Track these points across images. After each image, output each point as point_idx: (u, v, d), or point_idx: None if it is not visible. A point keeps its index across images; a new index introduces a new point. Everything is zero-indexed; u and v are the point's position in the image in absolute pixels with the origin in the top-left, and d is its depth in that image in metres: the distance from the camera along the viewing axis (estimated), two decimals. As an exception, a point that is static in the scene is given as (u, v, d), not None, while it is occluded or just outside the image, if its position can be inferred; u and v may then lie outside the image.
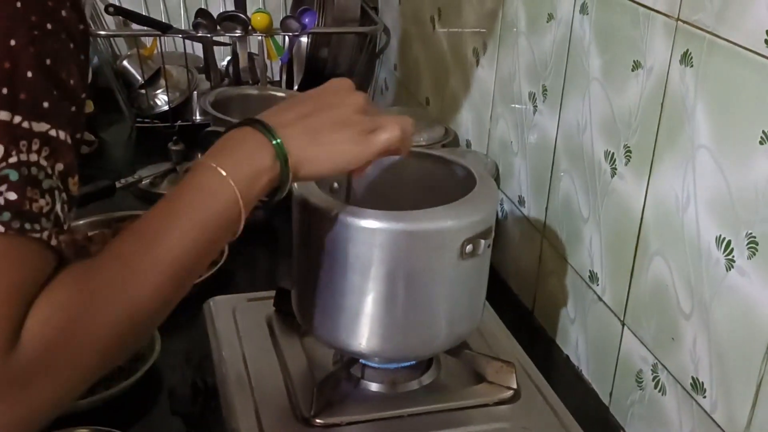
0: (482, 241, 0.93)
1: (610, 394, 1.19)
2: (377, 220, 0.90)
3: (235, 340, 1.08)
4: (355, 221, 0.91)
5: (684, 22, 0.98)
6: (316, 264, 0.96)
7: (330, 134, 0.84)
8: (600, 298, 1.20)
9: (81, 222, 1.51)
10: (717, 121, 0.94)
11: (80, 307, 0.67)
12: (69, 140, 0.67)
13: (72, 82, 0.67)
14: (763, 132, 0.87)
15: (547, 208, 1.35)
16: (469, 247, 0.92)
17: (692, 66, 0.97)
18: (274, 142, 0.80)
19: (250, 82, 1.97)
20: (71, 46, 0.68)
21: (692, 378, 1.01)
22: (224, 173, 0.76)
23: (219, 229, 0.76)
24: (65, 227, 0.67)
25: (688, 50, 0.98)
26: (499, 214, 1.52)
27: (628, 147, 1.11)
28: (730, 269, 0.93)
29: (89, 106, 1.85)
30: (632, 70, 1.09)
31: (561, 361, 1.31)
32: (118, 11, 1.89)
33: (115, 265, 0.71)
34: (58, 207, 0.65)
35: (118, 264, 0.71)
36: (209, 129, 1.27)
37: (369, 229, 0.90)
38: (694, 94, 0.97)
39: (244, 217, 0.78)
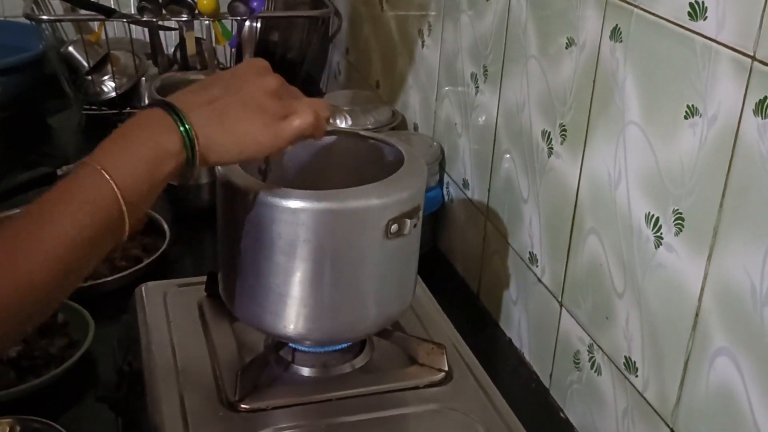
0: (408, 221, 0.91)
1: (551, 376, 1.18)
2: (300, 199, 0.88)
3: (164, 325, 1.06)
4: (279, 201, 0.88)
5: (613, -4, 0.97)
6: (242, 246, 0.93)
7: (238, 119, 0.81)
8: (539, 280, 1.19)
9: (17, 210, 1.47)
10: (645, 96, 0.93)
11: None
12: None
13: None
14: (688, 106, 0.85)
15: (489, 190, 1.33)
16: (394, 227, 0.90)
17: (621, 41, 0.96)
18: (181, 128, 0.77)
19: (199, 67, 1.94)
20: None
21: (625, 357, 0.99)
22: (107, 176, 0.74)
23: (99, 229, 0.74)
24: None
25: (617, 25, 0.97)
26: (445, 197, 1.50)
27: (564, 125, 1.09)
28: (659, 246, 0.92)
29: None
30: (566, 48, 1.08)
31: (504, 345, 1.30)
32: (61, -5, 1.86)
33: (5, 242, 0.70)
34: None
35: (9, 241, 0.71)
36: (135, 108, 1.25)
37: (292, 208, 0.88)
38: (624, 70, 0.96)
39: (129, 219, 0.75)
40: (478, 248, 1.39)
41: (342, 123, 1.60)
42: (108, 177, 0.74)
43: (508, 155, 1.26)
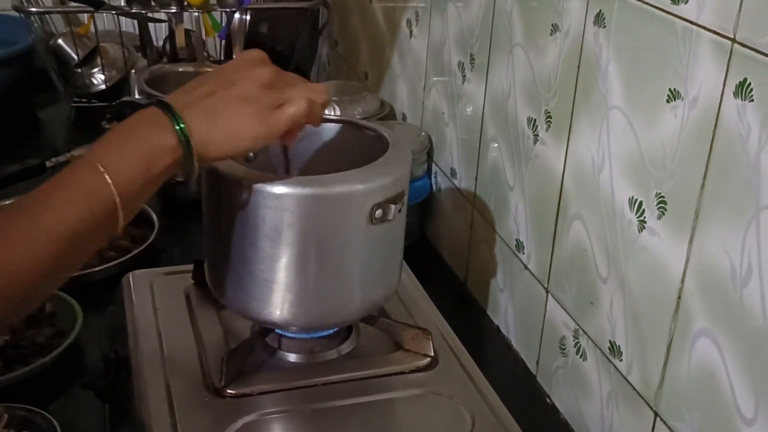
0: (392, 206, 0.91)
1: (537, 362, 1.19)
2: (285, 185, 0.88)
3: (151, 312, 1.06)
4: (263, 187, 0.89)
5: (596, -19, 0.98)
6: (227, 232, 0.94)
7: (232, 114, 0.81)
8: (526, 266, 1.19)
9: (7, 202, 1.48)
10: (628, 81, 0.93)
11: None
12: None
13: None
14: (670, 90, 0.86)
15: (476, 178, 1.34)
16: (378, 212, 0.90)
17: (605, 27, 0.96)
18: (177, 127, 0.77)
19: (188, 59, 1.94)
20: None
21: (609, 342, 1.00)
22: (102, 169, 0.74)
23: (90, 218, 0.74)
24: None
25: (600, 11, 0.97)
26: (433, 186, 1.51)
27: (549, 112, 1.10)
28: (642, 230, 0.92)
29: None
30: (551, 34, 1.08)
31: (492, 332, 1.30)
32: (50, -13, 1.86)
33: None
34: None
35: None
36: (123, 99, 1.25)
37: (276, 194, 0.88)
38: (607, 55, 0.96)
39: (123, 215, 0.76)
40: (465, 237, 1.39)
41: (330, 114, 1.60)
42: (102, 170, 0.74)
43: (495, 144, 1.27)
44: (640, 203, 0.92)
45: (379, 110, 1.64)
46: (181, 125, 0.78)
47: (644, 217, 0.91)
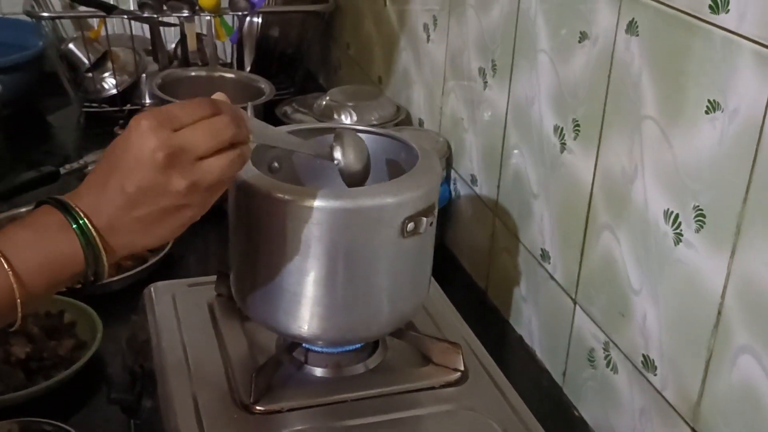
0: (424, 219, 0.90)
1: (564, 374, 1.17)
2: (315, 198, 0.87)
3: (175, 325, 1.04)
4: (292, 200, 0.87)
5: (629, -11, 0.96)
6: (254, 245, 0.92)
7: (160, 227, 0.78)
8: (551, 276, 1.18)
9: (23, 210, 1.46)
10: (662, 91, 0.92)
11: None
12: None
13: None
14: (709, 101, 0.84)
15: (498, 186, 1.32)
16: (410, 225, 0.89)
17: (638, 35, 0.95)
18: (83, 242, 0.75)
19: (200, 63, 1.92)
20: None
21: (643, 355, 0.98)
22: (5, 264, 0.72)
23: None
24: None
25: (633, 19, 0.95)
26: (452, 193, 1.49)
27: (577, 120, 1.08)
28: (678, 243, 0.91)
29: None
30: (579, 42, 1.06)
31: (514, 342, 1.29)
32: (61, -8, 1.84)
33: None
34: None
35: None
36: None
37: (306, 207, 0.87)
38: (640, 65, 0.95)
39: (22, 313, 0.74)
40: (486, 245, 1.37)
41: (347, 119, 1.59)
42: (7, 267, 0.72)
43: (517, 150, 1.25)
44: (676, 216, 0.90)
45: (395, 115, 1.63)
46: (89, 241, 0.75)
47: (681, 230, 0.90)
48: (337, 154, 0.94)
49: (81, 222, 0.75)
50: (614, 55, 0.99)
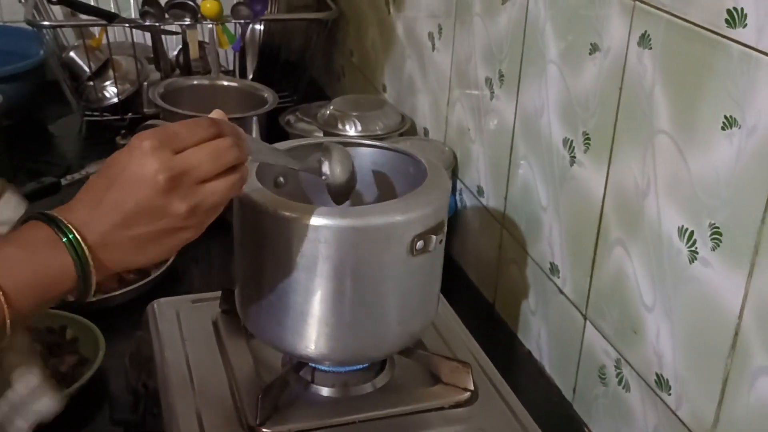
0: (434, 237, 0.88)
1: (574, 390, 1.15)
2: (322, 216, 0.85)
3: (179, 343, 1.03)
4: (299, 218, 0.85)
5: (642, 2, 0.94)
6: (260, 263, 0.91)
7: (156, 245, 0.76)
8: (561, 290, 1.16)
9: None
10: (676, 105, 0.90)
11: None
12: None
13: None
14: (725, 116, 0.82)
15: (506, 198, 1.30)
16: (419, 243, 0.87)
17: (651, 48, 0.93)
18: (73, 257, 0.73)
19: (202, 72, 1.91)
20: None
21: (656, 374, 0.96)
22: None
23: None
24: None
25: (646, 32, 0.94)
26: (458, 204, 1.47)
27: (587, 133, 1.06)
28: (693, 261, 0.89)
29: None
30: (590, 54, 1.05)
31: (523, 356, 1.27)
32: (61, 0, 1.82)
33: None
34: None
35: None
36: (147, 123, 1.21)
37: (314, 225, 0.85)
38: (653, 78, 0.93)
39: (11, 330, 0.72)
40: (493, 257, 1.36)
41: (351, 129, 1.57)
42: None
43: (524, 162, 1.23)
44: (691, 233, 0.88)
45: (400, 125, 1.61)
46: (81, 260, 0.73)
47: (696, 248, 0.88)
48: (325, 168, 0.93)
49: (71, 236, 0.73)
50: (626, 68, 0.98)
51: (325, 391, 0.96)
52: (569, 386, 1.16)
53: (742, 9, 0.79)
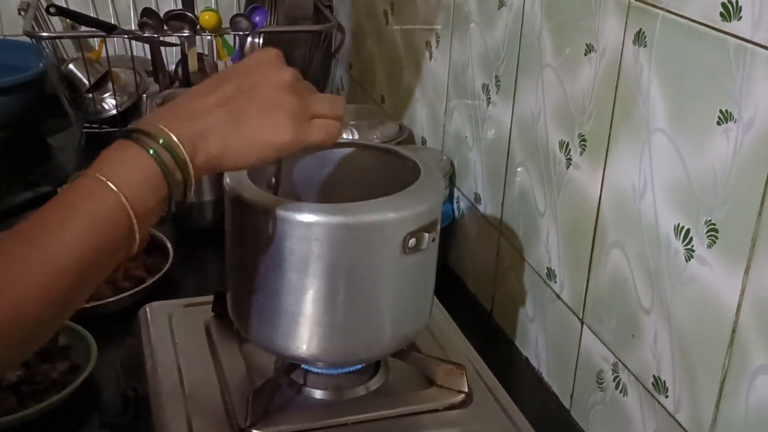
0: (426, 235, 0.87)
1: (571, 396, 1.14)
2: (313, 213, 0.84)
3: (170, 347, 1.01)
4: (291, 215, 0.84)
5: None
6: (251, 263, 0.89)
7: (257, 122, 0.75)
8: (558, 296, 1.15)
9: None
10: (673, 102, 0.89)
11: None
12: None
13: None
14: (720, 111, 0.81)
15: (503, 204, 1.29)
16: (412, 242, 0.86)
17: (646, 46, 0.92)
18: (150, 151, 0.71)
19: (201, 83, 1.90)
20: None
21: (654, 377, 0.95)
22: (114, 187, 0.68)
23: (105, 241, 0.68)
24: None
25: (641, 29, 0.93)
26: (456, 212, 1.46)
27: (583, 135, 1.05)
28: (689, 259, 0.87)
29: None
30: (585, 54, 1.04)
31: (520, 363, 1.26)
32: (60, 12, 1.82)
33: None
34: None
35: None
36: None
37: (305, 223, 0.84)
38: (649, 76, 0.92)
39: (139, 229, 0.70)
40: (491, 264, 1.34)
41: (348, 138, 1.56)
42: (115, 188, 0.68)
43: (521, 168, 1.22)
44: (687, 231, 0.87)
45: (397, 134, 1.60)
46: (155, 150, 0.71)
47: (692, 246, 0.87)
48: None
49: (161, 142, 0.71)
50: (621, 67, 0.97)
51: (317, 394, 0.95)
52: (567, 393, 1.14)
53: (736, 2, 0.78)
